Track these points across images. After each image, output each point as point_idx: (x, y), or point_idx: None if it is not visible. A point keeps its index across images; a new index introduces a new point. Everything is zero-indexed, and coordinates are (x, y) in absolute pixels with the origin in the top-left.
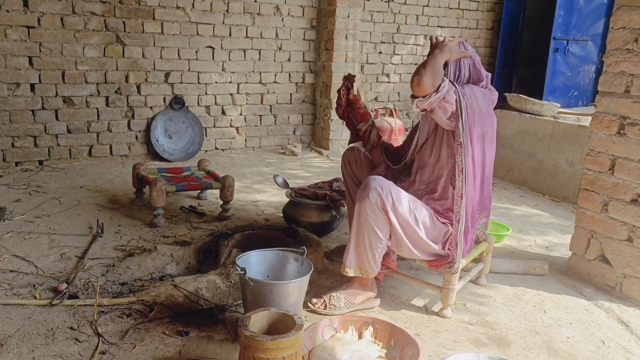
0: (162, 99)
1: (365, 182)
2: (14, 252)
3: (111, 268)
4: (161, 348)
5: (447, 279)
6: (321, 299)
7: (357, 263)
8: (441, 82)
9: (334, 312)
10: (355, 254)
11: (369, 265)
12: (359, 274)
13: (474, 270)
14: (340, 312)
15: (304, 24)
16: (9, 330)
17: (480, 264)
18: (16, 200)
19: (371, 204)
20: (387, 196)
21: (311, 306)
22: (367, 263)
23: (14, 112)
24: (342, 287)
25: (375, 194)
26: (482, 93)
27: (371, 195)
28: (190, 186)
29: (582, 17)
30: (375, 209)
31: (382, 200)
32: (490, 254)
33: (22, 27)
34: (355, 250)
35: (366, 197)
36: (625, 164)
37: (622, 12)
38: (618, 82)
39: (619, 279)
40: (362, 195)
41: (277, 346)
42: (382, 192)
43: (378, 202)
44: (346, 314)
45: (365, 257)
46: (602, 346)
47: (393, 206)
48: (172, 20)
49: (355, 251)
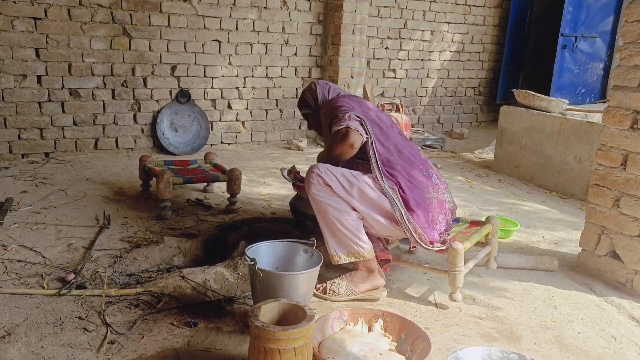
0: (168, 92)
1: (306, 173)
2: (22, 243)
3: (118, 259)
4: (169, 339)
5: (452, 261)
6: (323, 285)
7: (343, 248)
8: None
9: (333, 298)
10: (335, 240)
11: (357, 246)
12: (353, 259)
13: (481, 254)
14: (339, 299)
15: (311, 18)
16: (17, 319)
17: (487, 247)
18: (23, 192)
19: (315, 186)
20: (326, 173)
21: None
22: (353, 244)
23: (20, 104)
24: (345, 275)
25: (314, 174)
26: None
27: (312, 178)
28: (197, 178)
29: (591, 14)
30: (320, 187)
31: (323, 179)
32: (496, 236)
33: (29, 18)
34: (332, 237)
35: (309, 182)
36: (638, 159)
37: (636, 5)
38: (632, 76)
39: (630, 275)
40: (307, 183)
41: (289, 337)
42: (320, 171)
43: (320, 180)
44: (347, 301)
45: (345, 238)
46: (613, 342)
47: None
48: (178, 13)
49: (333, 238)
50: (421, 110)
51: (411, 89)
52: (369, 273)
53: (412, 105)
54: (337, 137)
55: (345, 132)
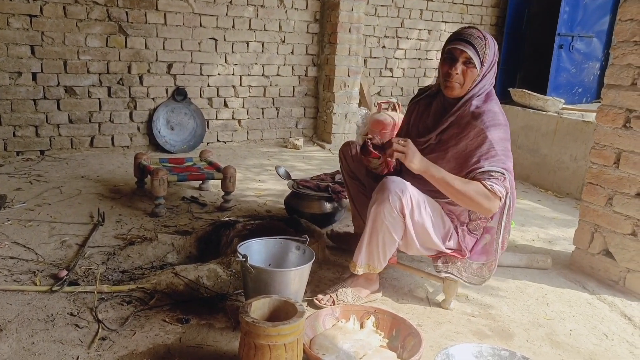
0: (164, 90)
1: (384, 184)
2: (15, 239)
3: (112, 256)
4: (161, 335)
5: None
6: (327, 295)
7: (367, 261)
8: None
9: None
10: (367, 254)
11: (378, 263)
12: (367, 270)
13: None
14: None
15: (308, 16)
16: (9, 315)
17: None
18: (17, 189)
19: (390, 207)
20: (407, 200)
21: (317, 302)
22: (377, 261)
23: (15, 102)
24: (347, 281)
25: (396, 197)
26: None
27: (391, 198)
28: (191, 176)
29: (587, 14)
30: (394, 212)
31: (402, 204)
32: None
33: (25, 15)
34: (367, 249)
35: (386, 200)
36: (630, 157)
37: (630, 4)
38: (625, 75)
39: (623, 273)
40: (382, 197)
41: (279, 332)
42: (402, 195)
43: (397, 205)
44: None
45: (376, 256)
46: (605, 339)
47: (412, 211)
48: (175, 11)
49: (367, 251)
50: None
51: (408, 88)
52: (369, 279)
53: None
54: (485, 195)
55: (499, 199)
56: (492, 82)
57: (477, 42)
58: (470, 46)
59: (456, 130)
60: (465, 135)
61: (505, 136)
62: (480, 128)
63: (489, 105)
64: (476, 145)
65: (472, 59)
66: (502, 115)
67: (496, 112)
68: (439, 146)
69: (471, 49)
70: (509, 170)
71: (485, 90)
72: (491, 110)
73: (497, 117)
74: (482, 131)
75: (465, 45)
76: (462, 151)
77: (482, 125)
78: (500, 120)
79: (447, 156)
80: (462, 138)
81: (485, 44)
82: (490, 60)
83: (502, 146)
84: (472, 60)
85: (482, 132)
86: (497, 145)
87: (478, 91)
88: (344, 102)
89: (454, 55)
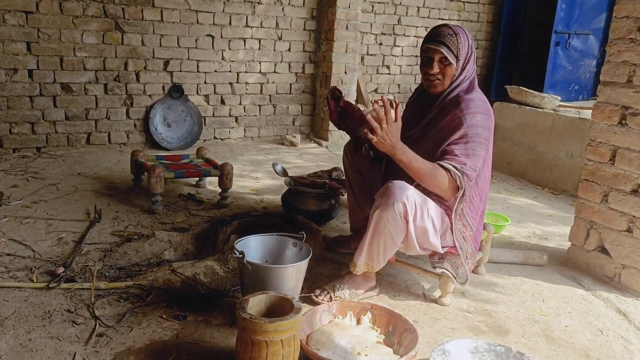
0: (161, 87)
1: (389, 189)
2: (11, 236)
3: (108, 253)
4: (158, 331)
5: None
6: (325, 291)
7: (367, 261)
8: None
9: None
10: (367, 254)
11: (377, 263)
12: (366, 269)
13: None
14: None
15: (305, 13)
16: (6, 312)
17: (479, 252)
18: (13, 186)
19: (394, 213)
20: (411, 207)
21: (315, 298)
22: (376, 261)
23: (11, 98)
24: (344, 278)
25: (400, 204)
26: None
27: (396, 205)
28: (188, 173)
29: (583, 11)
30: (397, 218)
31: (407, 211)
32: (489, 243)
33: (21, 12)
34: (368, 251)
35: (390, 206)
36: (626, 154)
37: (625, 2)
38: (620, 72)
39: (618, 269)
40: (387, 203)
41: (275, 328)
42: (407, 202)
43: (402, 211)
44: None
45: (376, 257)
46: (600, 335)
47: (414, 216)
48: (171, 8)
49: (367, 252)
50: None
51: (405, 85)
52: (367, 276)
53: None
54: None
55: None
56: (474, 70)
57: (449, 40)
58: (442, 45)
59: (438, 120)
60: (444, 123)
61: (484, 124)
62: (457, 114)
63: (471, 94)
64: (450, 130)
65: (447, 57)
66: (483, 103)
67: (475, 99)
68: (423, 136)
69: (444, 47)
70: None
71: (467, 80)
72: (472, 98)
73: (476, 105)
74: (458, 117)
75: (438, 44)
76: (440, 136)
77: (460, 112)
78: (479, 108)
79: (428, 144)
80: (442, 126)
81: (457, 39)
82: (466, 53)
83: (474, 132)
84: (447, 57)
85: (459, 117)
86: (471, 130)
87: (459, 83)
88: None
89: (430, 55)
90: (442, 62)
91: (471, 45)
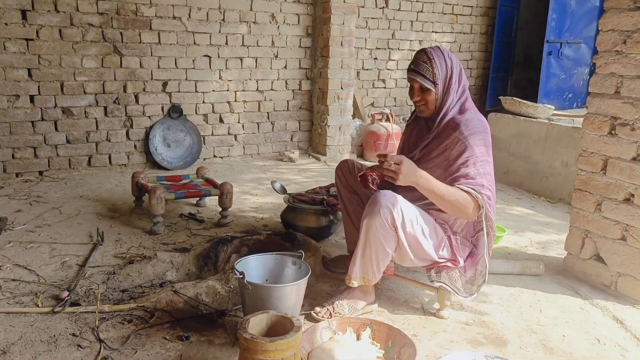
0: (160, 108)
1: (375, 197)
2: (16, 262)
3: (112, 275)
4: (162, 353)
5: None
6: (324, 308)
7: (362, 273)
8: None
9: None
10: (361, 267)
11: (373, 275)
12: (362, 282)
13: None
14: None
15: (300, 31)
16: (12, 337)
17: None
18: (17, 211)
19: (382, 220)
20: (398, 213)
21: (315, 315)
22: (371, 273)
23: (13, 124)
24: (343, 294)
25: (387, 210)
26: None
27: (382, 212)
28: (189, 194)
29: (574, 20)
30: (385, 226)
31: (393, 217)
32: None
33: (21, 39)
34: (361, 263)
35: (377, 213)
36: (617, 163)
37: (610, 15)
38: (608, 84)
39: (614, 277)
40: (373, 211)
41: (276, 348)
42: (393, 209)
43: (389, 218)
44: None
45: (370, 268)
46: (597, 344)
47: (403, 223)
48: (168, 30)
49: (361, 264)
50: None
51: (401, 98)
52: (365, 291)
53: (402, 115)
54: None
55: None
56: (463, 87)
57: (423, 68)
58: (417, 74)
59: (437, 143)
60: (445, 146)
61: (484, 142)
62: (459, 138)
63: (466, 115)
64: (457, 154)
65: (423, 85)
66: (480, 122)
67: (472, 119)
68: (423, 159)
69: (419, 76)
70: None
71: (457, 100)
72: (468, 119)
73: (474, 125)
74: (461, 141)
75: (413, 74)
76: (444, 161)
77: (461, 135)
78: (478, 128)
79: (430, 166)
80: (443, 149)
81: (431, 65)
82: (445, 76)
83: (480, 151)
84: (424, 85)
85: (462, 141)
86: (476, 150)
87: (449, 105)
88: (338, 114)
89: (411, 84)
90: (421, 89)
91: (450, 65)
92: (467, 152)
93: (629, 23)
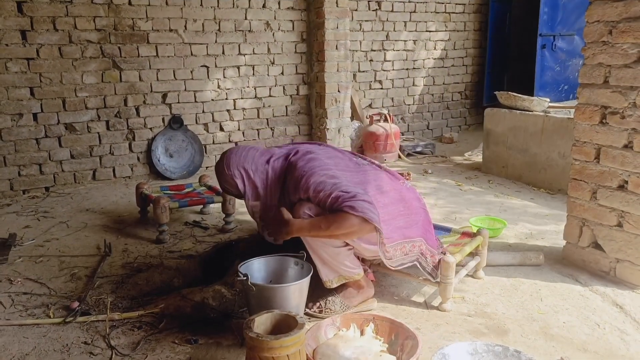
0: (161, 120)
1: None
2: (27, 276)
3: (120, 285)
4: (172, 356)
5: (444, 273)
6: (317, 304)
7: (334, 274)
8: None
9: (330, 315)
10: (327, 268)
11: (347, 271)
12: (344, 280)
13: (471, 264)
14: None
15: (295, 37)
16: (26, 349)
17: (476, 257)
18: (25, 227)
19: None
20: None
21: (308, 310)
22: (344, 269)
23: (18, 142)
24: (337, 290)
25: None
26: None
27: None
28: (192, 202)
29: (566, 13)
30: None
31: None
32: (485, 248)
33: (22, 59)
34: (323, 267)
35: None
36: (609, 151)
37: (595, 6)
38: (597, 74)
39: (613, 263)
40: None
41: (281, 345)
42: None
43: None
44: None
45: (336, 267)
46: (597, 328)
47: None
48: (166, 42)
49: (324, 267)
50: (410, 118)
51: (398, 98)
52: (358, 286)
53: (400, 114)
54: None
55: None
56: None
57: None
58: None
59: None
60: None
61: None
62: (298, 182)
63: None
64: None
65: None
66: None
67: (291, 164)
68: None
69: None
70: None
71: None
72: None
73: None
74: (299, 182)
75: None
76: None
77: (296, 181)
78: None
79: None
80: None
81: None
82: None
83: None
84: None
85: (295, 178)
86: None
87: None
88: (336, 117)
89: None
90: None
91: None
92: (303, 182)
93: (613, 14)
